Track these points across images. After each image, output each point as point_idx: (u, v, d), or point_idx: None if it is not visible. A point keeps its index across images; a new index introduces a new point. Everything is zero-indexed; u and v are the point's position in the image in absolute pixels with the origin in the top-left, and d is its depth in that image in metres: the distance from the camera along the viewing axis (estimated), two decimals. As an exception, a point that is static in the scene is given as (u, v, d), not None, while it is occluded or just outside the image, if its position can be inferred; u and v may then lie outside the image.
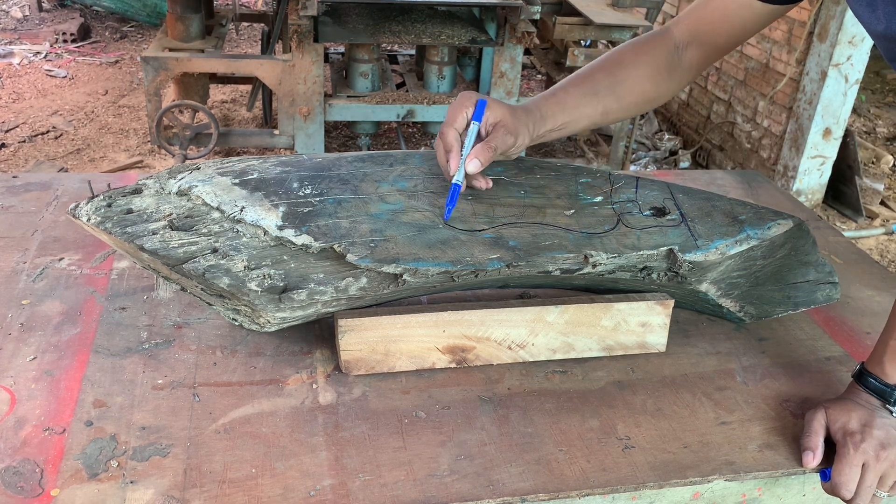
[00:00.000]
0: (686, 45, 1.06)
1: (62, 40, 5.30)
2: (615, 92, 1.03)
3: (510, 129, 0.92)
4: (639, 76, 1.04)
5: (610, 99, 1.02)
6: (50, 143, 3.96)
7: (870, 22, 0.84)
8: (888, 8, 0.80)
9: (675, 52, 1.06)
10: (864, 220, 3.80)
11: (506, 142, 0.92)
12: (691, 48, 1.06)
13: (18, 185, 1.29)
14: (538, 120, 0.97)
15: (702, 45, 1.05)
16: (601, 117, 1.04)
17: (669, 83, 1.07)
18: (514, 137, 0.93)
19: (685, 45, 1.06)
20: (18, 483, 0.76)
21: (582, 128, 1.04)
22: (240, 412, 0.87)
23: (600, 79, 1.03)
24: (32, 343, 0.94)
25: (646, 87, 1.05)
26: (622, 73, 1.04)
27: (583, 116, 1.01)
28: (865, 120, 5.00)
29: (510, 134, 0.92)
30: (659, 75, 1.05)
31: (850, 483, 0.84)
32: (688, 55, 1.06)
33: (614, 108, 1.04)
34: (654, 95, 1.07)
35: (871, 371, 0.89)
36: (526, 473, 0.82)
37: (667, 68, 1.05)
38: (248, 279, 0.83)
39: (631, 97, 1.04)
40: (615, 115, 1.06)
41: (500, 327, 0.95)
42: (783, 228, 1.00)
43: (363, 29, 3.38)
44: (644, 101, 1.07)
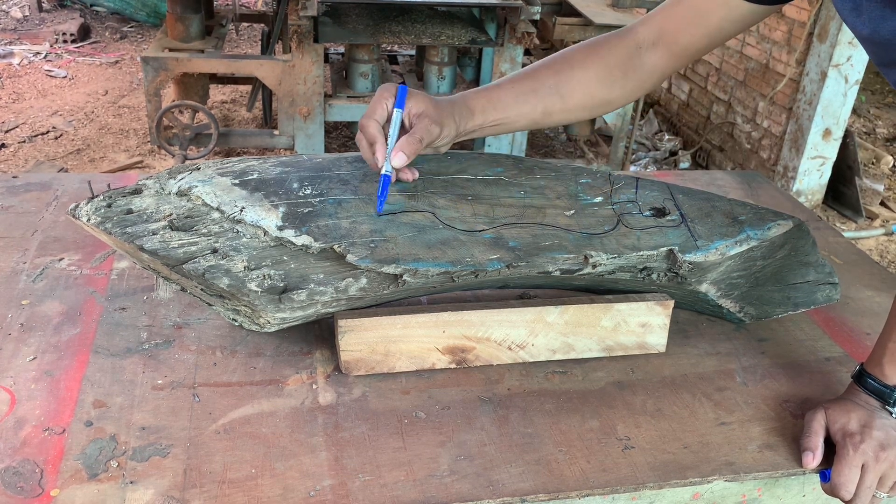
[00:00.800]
0: (651, 45, 1.00)
1: (62, 40, 5.30)
2: (559, 91, 0.98)
3: (434, 119, 0.90)
4: (586, 76, 0.99)
5: (552, 98, 0.98)
6: (50, 144, 3.96)
7: (855, 25, 0.82)
8: (874, 12, 0.78)
9: (635, 52, 1.00)
10: (863, 220, 3.80)
11: (431, 132, 0.89)
12: (657, 49, 1.00)
13: (18, 185, 1.29)
14: (465, 114, 0.94)
15: (669, 45, 0.99)
16: (542, 117, 0.99)
17: (624, 86, 1.01)
18: (440, 128, 0.90)
19: (649, 46, 1.00)
20: (18, 483, 0.76)
21: (521, 126, 1.00)
22: (240, 412, 0.87)
23: (544, 77, 0.98)
24: (32, 343, 0.94)
25: (594, 89, 0.99)
26: (568, 72, 0.99)
27: (520, 115, 0.97)
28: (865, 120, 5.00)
29: (435, 124, 0.90)
30: (611, 76, 0.99)
31: (849, 484, 0.84)
32: (652, 57, 1.00)
33: (557, 109, 0.99)
34: (605, 97, 1.01)
35: (871, 372, 0.89)
36: (526, 474, 0.82)
37: (621, 69, 1.00)
38: (247, 279, 0.83)
39: (576, 98, 0.99)
40: (560, 116, 1.00)
41: (500, 328, 0.95)
42: (783, 229, 1.00)
43: (363, 29, 3.38)
44: (594, 104, 1.01)
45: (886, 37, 0.78)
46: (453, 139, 0.95)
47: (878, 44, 0.80)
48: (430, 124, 0.90)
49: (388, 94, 0.90)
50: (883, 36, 0.78)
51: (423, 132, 0.89)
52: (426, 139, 0.89)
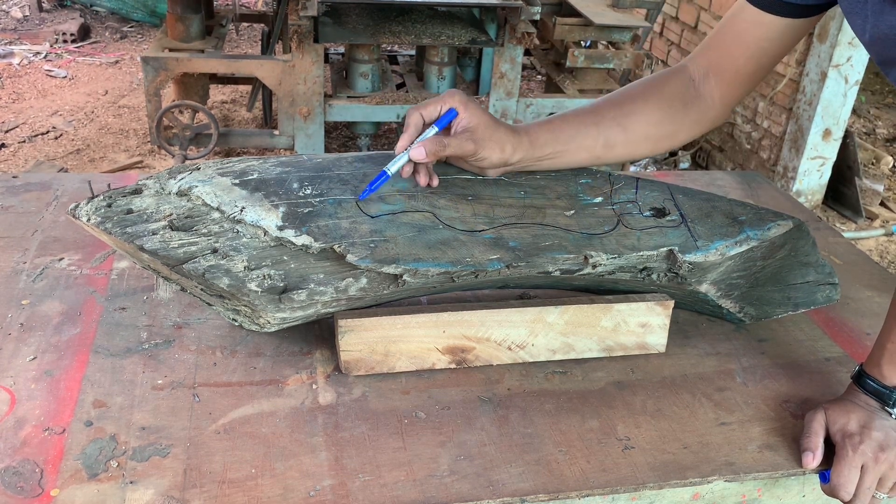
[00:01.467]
0: (703, 77, 1.01)
1: (62, 40, 5.29)
2: (621, 123, 0.98)
3: (476, 137, 0.89)
4: (648, 108, 0.99)
5: (614, 130, 0.98)
6: (50, 144, 3.96)
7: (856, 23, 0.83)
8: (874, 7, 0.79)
9: (690, 85, 1.01)
10: (863, 220, 3.80)
11: (463, 147, 0.89)
12: (709, 80, 1.01)
13: (18, 185, 1.29)
14: (525, 144, 0.93)
15: (720, 74, 1.00)
16: (604, 150, 0.99)
17: (686, 117, 1.01)
18: (476, 148, 0.89)
19: (702, 78, 1.01)
20: (18, 483, 0.76)
21: (582, 159, 0.99)
22: (240, 412, 0.87)
23: (605, 109, 0.99)
24: (32, 343, 0.94)
25: (657, 120, 1.00)
26: (630, 105, 0.99)
27: (581, 147, 0.97)
28: (865, 121, 5.00)
29: (471, 142, 0.89)
30: (672, 108, 1.00)
31: (848, 485, 0.84)
32: (707, 88, 1.01)
33: (620, 140, 0.99)
34: (668, 129, 1.01)
35: (869, 373, 0.89)
36: (526, 474, 0.82)
37: (681, 101, 1.01)
38: (248, 279, 0.83)
39: (639, 129, 0.99)
40: (622, 150, 1.00)
41: (499, 328, 0.95)
42: (783, 229, 1.00)
43: (363, 29, 3.38)
44: (658, 137, 1.01)
45: (885, 31, 0.78)
46: (502, 165, 0.93)
47: (878, 40, 0.81)
48: (467, 140, 0.89)
49: (448, 100, 0.90)
50: (882, 31, 0.79)
51: (454, 141, 0.88)
52: (453, 148, 0.88)
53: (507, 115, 3.49)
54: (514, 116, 3.51)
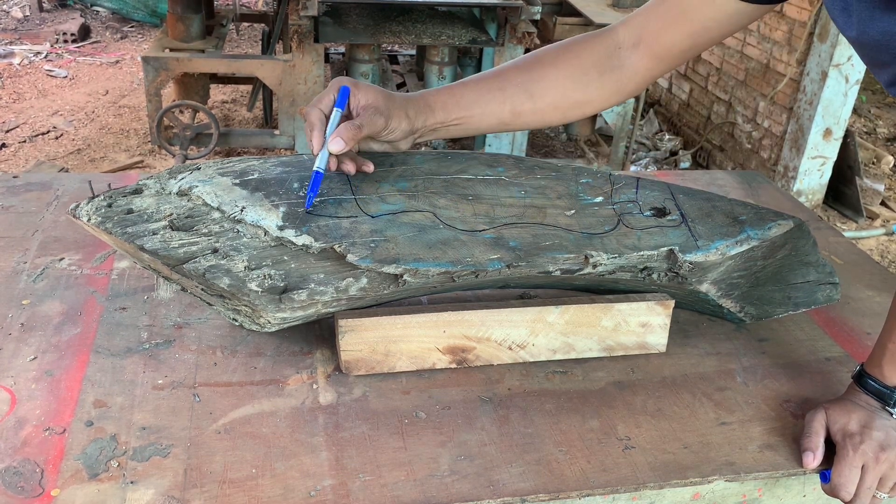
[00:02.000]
0: (631, 45, 0.96)
1: (62, 40, 5.30)
2: (528, 90, 0.94)
3: (380, 110, 0.87)
4: (559, 76, 0.95)
5: (521, 97, 0.94)
6: (50, 143, 3.96)
7: (844, 26, 0.81)
8: (862, 13, 0.77)
9: (613, 52, 0.96)
10: (864, 220, 3.80)
11: (375, 122, 0.86)
12: (638, 50, 0.96)
13: (19, 184, 1.29)
14: (424, 110, 0.91)
15: (651, 45, 0.95)
16: (511, 117, 0.95)
17: (601, 87, 0.96)
18: (385, 120, 0.87)
19: (630, 46, 0.96)
20: (19, 483, 0.76)
21: (488, 126, 0.96)
22: (240, 412, 0.87)
23: (512, 76, 0.95)
24: (33, 343, 0.94)
25: (568, 89, 0.95)
26: (539, 70, 0.95)
27: (486, 114, 0.94)
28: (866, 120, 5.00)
29: (380, 115, 0.87)
30: (586, 76, 0.95)
31: (849, 484, 0.84)
32: (632, 58, 0.96)
33: (527, 109, 0.95)
34: (580, 98, 0.96)
35: (870, 373, 0.89)
36: (526, 474, 0.82)
37: (598, 69, 0.95)
38: (248, 279, 0.83)
39: (548, 98, 0.95)
40: (530, 117, 0.96)
41: (500, 327, 0.95)
42: (783, 229, 1.00)
43: (363, 29, 3.38)
44: (568, 105, 0.97)
45: (875, 37, 0.77)
46: (409, 135, 0.92)
47: (867, 45, 0.79)
48: (375, 114, 0.87)
49: (335, 85, 0.88)
50: (871, 36, 0.77)
51: (364, 120, 0.86)
52: (367, 127, 0.86)
53: (507, 114, 3.49)
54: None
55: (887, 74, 0.80)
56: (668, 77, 4.82)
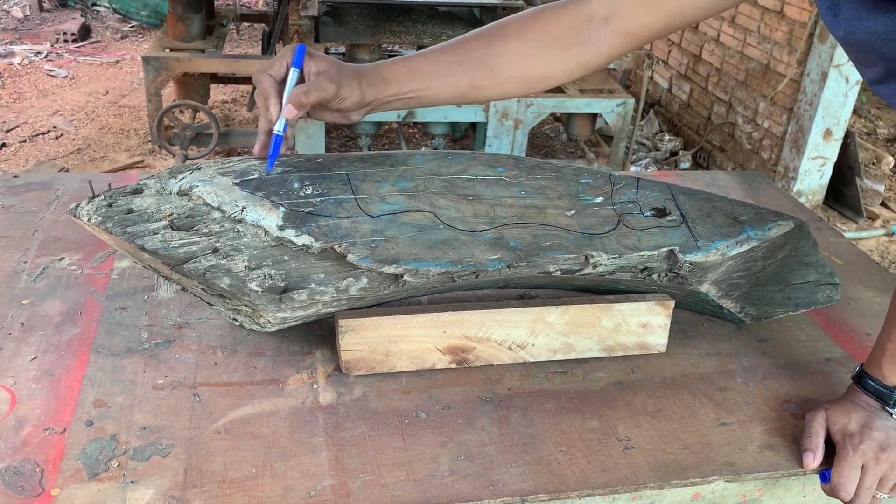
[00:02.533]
0: (603, 20, 0.92)
1: (63, 40, 5.30)
2: (487, 63, 0.92)
3: (331, 78, 0.86)
4: (521, 48, 0.92)
5: (480, 70, 0.92)
6: (50, 143, 3.96)
7: (833, 26, 0.81)
8: (850, 13, 0.77)
9: (583, 26, 0.93)
10: (864, 221, 3.80)
11: (325, 89, 0.85)
12: (609, 25, 0.92)
13: (19, 184, 1.29)
14: (376, 82, 0.89)
15: (624, 23, 0.92)
16: (470, 90, 0.93)
17: (566, 60, 0.94)
18: (336, 87, 0.86)
19: (601, 21, 0.93)
20: (19, 483, 0.76)
21: (446, 99, 0.94)
22: (240, 412, 0.87)
23: (472, 48, 0.92)
24: (33, 343, 0.94)
25: (531, 61, 0.93)
26: (500, 43, 0.92)
27: (443, 87, 0.92)
28: (866, 121, 5.00)
29: (331, 82, 0.86)
30: (551, 49, 0.92)
31: (849, 485, 0.84)
32: (602, 33, 0.93)
33: (486, 83, 0.93)
34: (542, 72, 0.94)
35: (870, 373, 0.89)
36: (526, 474, 0.82)
37: (563, 42, 0.92)
38: (248, 279, 0.83)
39: (508, 71, 0.92)
40: (490, 91, 0.94)
41: (500, 328, 0.95)
42: (784, 229, 1.00)
43: (364, 29, 3.38)
44: (530, 78, 0.94)
45: (862, 37, 0.77)
46: (361, 105, 0.90)
47: (853, 44, 0.79)
48: (325, 81, 0.86)
49: (288, 54, 0.88)
50: (858, 36, 0.77)
51: (314, 86, 0.86)
52: (314, 94, 0.85)
53: (507, 114, 3.49)
54: (514, 116, 3.51)
55: (872, 73, 0.80)
56: (668, 77, 4.82)
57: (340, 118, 0.91)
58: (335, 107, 0.89)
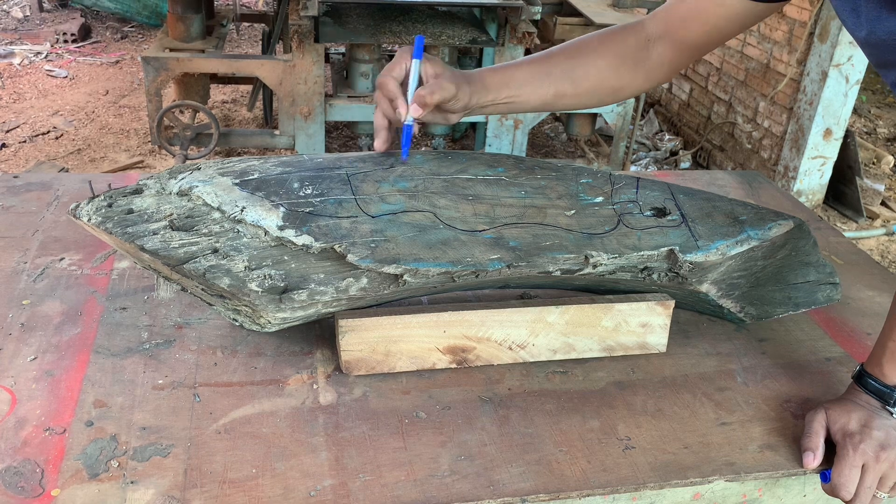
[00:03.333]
0: (657, 38, 1.02)
1: (63, 40, 5.30)
2: (571, 75, 1.01)
3: (450, 80, 0.92)
4: (599, 64, 1.01)
5: (565, 82, 1.01)
6: (50, 144, 3.96)
7: (854, 28, 0.83)
8: (871, 13, 0.79)
9: (644, 44, 1.03)
10: (864, 220, 3.80)
11: (446, 89, 0.91)
12: (662, 44, 1.02)
13: (19, 185, 1.29)
14: (479, 88, 0.96)
15: (674, 41, 1.02)
16: (554, 99, 1.01)
17: (635, 76, 1.03)
18: (455, 88, 0.92)
19: (656, 39, 1.02)
20: (19, 483, 0.76)
21: (533, 106, 1.02)
22: (240, 412, 0.87)
23: (557, 61, 1.01)
24: (33, 343, 0.94)
25: (606, 76, 1.02)
26: (581, 58, 1.01)
27: (532, 95, 1.00)
28: (866, 120, 4.99)
29: (451, 83, 0.92)
30: (623, 66, 1.02)
31: (849, 484, 0.84)
32: (659, 49, 1.02)
33: (569, 92, 1.01)
34: (615, 85, 1.03)
35: (870, 372, 0.89)
36: (526, 474, 0.82)
37: (632, 60, 1.02)
38: (248, 279, 0.83)
39: (588, 83, 1.02)
40: (570, 100, 1.03)
41: (500, 328, 0.95)
42: (784, 229, 1.00)
43: (364, 29, 3.38)
44: (605, 91, 1.04)
45: (882, 37, 0.78)
46: (465, 108, 0.96)
47: (875, 45, 0.81)
48: (446, 82, 0.92)
49: (406, 55, 0.93)
50: (879, 37, 0.79)
51: (437, 87, 0.91)
52: (438, 94, 0.91)
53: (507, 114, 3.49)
54: (514, 116, 3.51)
55: (894, 75, 0.81)
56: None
57: (440, 119, 0.97)
58: (448, 108, 0.95)
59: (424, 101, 0.91)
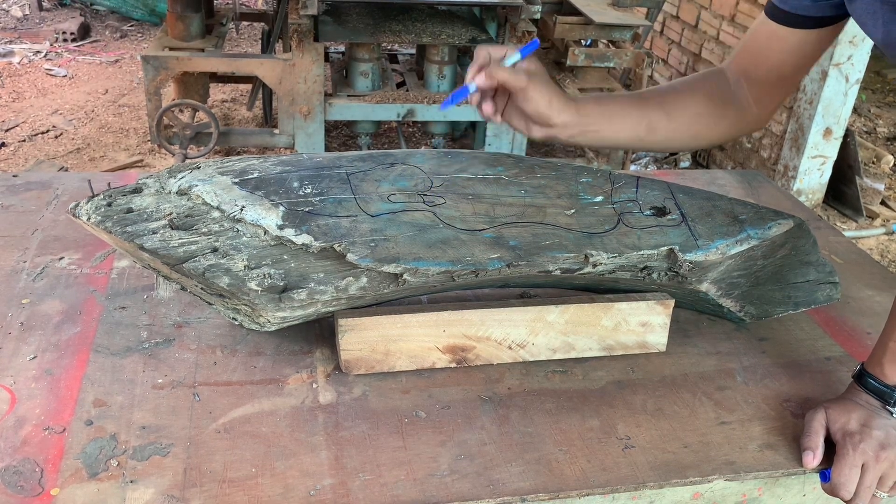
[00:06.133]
0: (736, 81, 1.03)
1: (62, 39, 5.29)
2: (665, 109, 1.00)
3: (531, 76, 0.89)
4: (692, 100, 1.02)
5: (659, 115, 1.00)
6: (50, 143, 3.95)
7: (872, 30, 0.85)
8: (887, 15, 0.81)
9: (727, 86, 1.04)
10: (864, 220, 3.80)
11: (516, 78, 0.88)
12: (742, 84, 1.03)
13: (18, 184, 1.29)
14: (572, 109, 0.93)
15: (749, 79, 1.02)
16: (647, 132, 1.00)
17: (725, 115, 1.03)
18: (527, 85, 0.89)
19: (736, 81, 1.03)
20: (18, 482, 0.76)
21: (624, 139, 1.01)
22: (240, 411, 0.87)
23: (650, 96, 1.03)
24: (32, 342, 0.94)
25: (699, 112, 1.02)
26: (674, 94, 1.03)
27: (625, 126, 0.99)
28: (866, 120, 4.99)
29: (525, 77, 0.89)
30: (713, 104, 1.02)
31: (849, 484, 0.84)
32: (741, 90, 1.03)
33: (663, 126, 1.00)
34: (709, 123, 1.03)
35: (871, 372, 0.89)
36: (526, 473, 0.82)
37: (721, 99, 1.03)
38: (248, 278, 0.83)
39: (682, 118, 1.01)
40: (664, 134, 1.02)
41: (500, 327, 0.95)
42: (784, 228, 1.00)
43: (363, 28, 3.37)
44: (699, 127, 1.03)
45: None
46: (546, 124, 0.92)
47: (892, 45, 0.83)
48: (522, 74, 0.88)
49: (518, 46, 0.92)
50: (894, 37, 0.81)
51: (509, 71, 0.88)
52: (506, 76, 0.88)
53: (507, 113, 3.49)
54: (514, 115, 3.50)
55: None
56: (668, 76, 4.82)
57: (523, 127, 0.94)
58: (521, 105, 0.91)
59: (490, 72, 0.88)
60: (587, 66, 3.58)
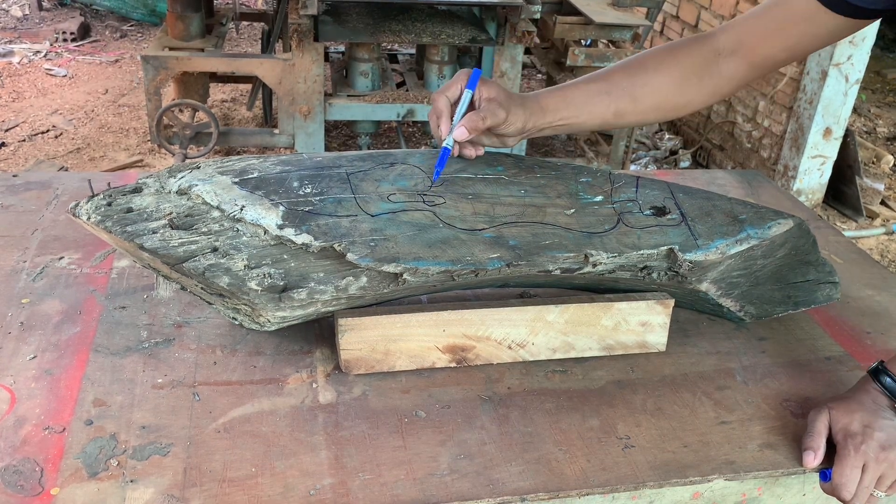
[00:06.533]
0: (729, 53, 1.00)
1: (62, 39, 5.29)
2: (632, 93, 0.99)
3: (502, 104, 0.93)
4: (661, 80, 1.00)
5: (625, 100, 0.99)
6: (50, 142, 3.95)
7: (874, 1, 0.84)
8: None
9: (713, 58, 1.00)
10: (864, 219, 3.80)
11: (496, 115, 0.92)
12: (735, 58, 1.00)
13: (18, 183, 1.29)
14: (536, 110, 0.96)
15: (748, 55, 0.99)
16: (614, 118, 1.01)
17: (699, 90, 1.01)
18: (506, 113, 0.93)
19: (728, 53, 1.00)
20: (18, 482, 0.76)
21: (592, 126, 1.02)
22: (240, 411, 0.87)
23: (618, 79, 1.00)
24: (32, 342, 0.94)
25: (668, 92, 1.00)
26: (643, 75, 1.00)
27: (592, 115, 0.99)
28: (866, 119, 4.99)
29: (502, 109, 0.93)
30: (686, 81, 1.00)
31: (850, 484, 0.84)
32: (730, 65, 1.00)
33: (629, 110, 1.00)
34: (679, 101, 1.02)
35: (890, 370, 0.88)
36: (526, 473, 0.82)
37: (697, 74, 1.00)
38: (248, 278, 0.83)
39: (650, 100, 1.00)
40: (631, 118, 1.02)
41: (500, 327, 0.95)
42: (783, 228, 1.00)
43: (363, 28, 3.37)
44: (668, 107, 1.02)
45: None
46: (521, 132, 0.97)
47: None
48: (497, 107, 0.92)
49: (463, 77, 0.94)
50: None
51: (487, 112, 0.92)
52: (489, 119, 0.92)
53: (507, 113, 3.49)
54: (514, 115, 3.50)
55: None
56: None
57: (497, 142, 0.98)
58: (500, 132, 0.95)
59: (476, 126, 0.92)
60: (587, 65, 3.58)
